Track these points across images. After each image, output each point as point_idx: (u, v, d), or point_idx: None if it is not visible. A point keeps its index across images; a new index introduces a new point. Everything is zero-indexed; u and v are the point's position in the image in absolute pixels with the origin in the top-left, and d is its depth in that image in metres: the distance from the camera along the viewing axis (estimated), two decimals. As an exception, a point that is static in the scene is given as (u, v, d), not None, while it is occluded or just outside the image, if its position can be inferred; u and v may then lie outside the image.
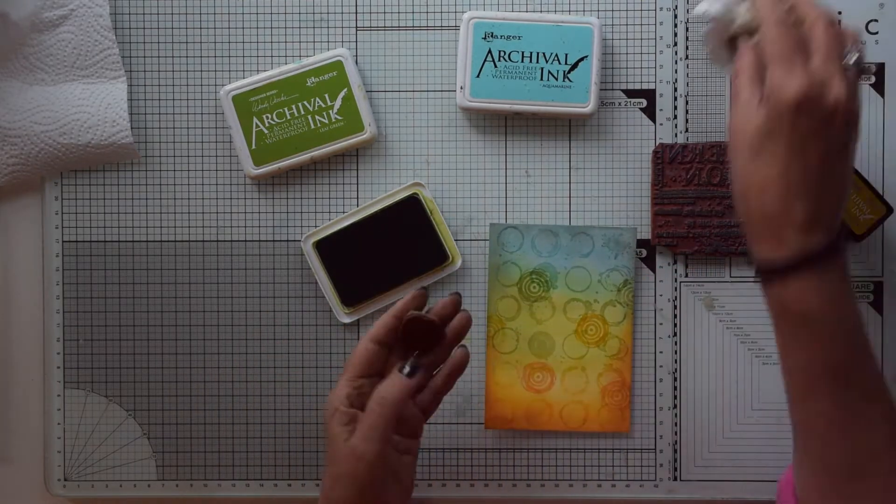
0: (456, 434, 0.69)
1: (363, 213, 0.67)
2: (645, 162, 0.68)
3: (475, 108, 0.67)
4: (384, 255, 0.67)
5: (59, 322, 0.69)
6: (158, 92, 0.69)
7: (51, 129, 0.67)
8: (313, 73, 0.67)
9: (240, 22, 0.69)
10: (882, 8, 0.68)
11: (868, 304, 0.68)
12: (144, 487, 0.69)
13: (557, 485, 0.69)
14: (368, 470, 0.56)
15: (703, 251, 0.67)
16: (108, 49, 0.67)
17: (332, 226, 0.68)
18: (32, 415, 0.70)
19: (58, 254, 0.69)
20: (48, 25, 0.67)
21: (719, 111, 0.68)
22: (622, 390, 0.68)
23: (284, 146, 0.67)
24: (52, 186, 0.69)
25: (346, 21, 0.69)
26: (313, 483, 0.69)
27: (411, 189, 0.67)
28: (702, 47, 0.68)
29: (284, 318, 0.69)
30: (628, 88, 0.68)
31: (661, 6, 0.68)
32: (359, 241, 0.67)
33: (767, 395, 0.68)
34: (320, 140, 0.67)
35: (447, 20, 0.68)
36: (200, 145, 0.69)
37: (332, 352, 0.69)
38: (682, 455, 0.69)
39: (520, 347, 0.68)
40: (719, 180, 0.67)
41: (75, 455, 0.69)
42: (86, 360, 0.69)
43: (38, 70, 0.67)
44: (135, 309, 0.69)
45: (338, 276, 0.67)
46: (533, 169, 0.69)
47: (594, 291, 0.68)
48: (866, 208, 0.65)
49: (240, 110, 0.67)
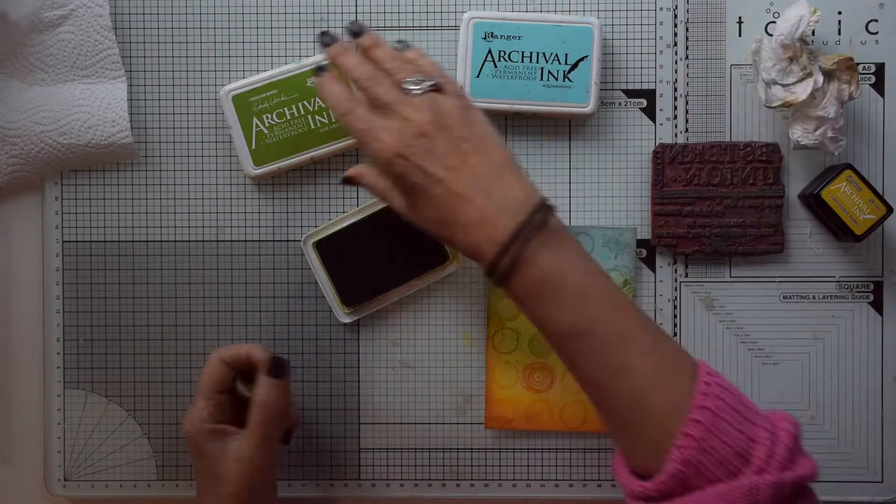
0: (456, 434, 0.69)
1: (363, 213, 0.67)
2: (645, 162, 0.68)
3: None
4: (384, 255, 0.67)
5: (59, 322, 0.69)
6: (158, 92, 0.69)
7: (51, 129, 0.67)
8: (313, 73, 0.66)
9: (240, 22, 0.69)
10: (882, 8, 0.68)
11: (868, 304, 0.68)
12: (144, 487, 0.69)
13: (557, 485, 0.69)
14: (262, 474, 0.59)
15: (703, 251, 0.67)
16: (108, 49, 0.67)
17: (332, 226, 0.67)
18: (32, 415, 0.70)
19: (58, 254, 0.69)
20: (48, 25, 0.67)
21: (719, 111, 0.68)
22: (622, 390, 0.68)
23: (284, 146, 0.67)
24: (52, 186, 0.69)
25: (347, 21, 0.68)
26: (313, 483, 0.69)
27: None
28: (702, 47, 0.68)
29: (284, 318, 0.69)
30: (628, 88, 0.68)
31: (661, 6, 0.68)
32: (359, 241, 0.67)
33: (767, 395, 0.68)
34: (320, 140, 0.67)
35: (447, 20, 0.68)
36: (200, 145, 0.69)
37: (331, 352, 0.69)
38: (682, 455, 0.69)
39: (520, 347, 0.68)
40: (719, 180, 0.67)
41: (75, 455, 0.69)
42: (86, 360, 0.69)
43: (38, 70, 0.67)
44: (135, 309, 0.69)
45: (338, 277, 0.67)
46: (533, 169, 0.69)
47: (594, 291, 0.68)
48: (866, 208, 0.65)
49: (240, 110, 0.67)
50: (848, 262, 0.68)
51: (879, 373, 0.68)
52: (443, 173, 0.54)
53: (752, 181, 0.67)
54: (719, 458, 0.49)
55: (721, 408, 0.50)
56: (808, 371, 0.68)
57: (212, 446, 0.59)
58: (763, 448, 0.49)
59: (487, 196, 0.54)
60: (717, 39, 0.68)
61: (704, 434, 0.49)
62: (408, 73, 0.57)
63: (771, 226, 0.67)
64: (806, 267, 0.68)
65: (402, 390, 0.69)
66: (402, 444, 0.69)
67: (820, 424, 0.68)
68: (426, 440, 0.69)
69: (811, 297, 0.68)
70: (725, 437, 0.49)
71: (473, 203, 0.54)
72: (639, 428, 0.52)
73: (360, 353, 0.69)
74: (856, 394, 0.68)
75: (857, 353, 0.68)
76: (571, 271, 0.53)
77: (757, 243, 0.67)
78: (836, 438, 0.68)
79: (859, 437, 0.68)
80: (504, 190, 0.54)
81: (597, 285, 0.54)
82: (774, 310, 0.68)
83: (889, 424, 0.68)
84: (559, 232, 0.55)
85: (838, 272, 0.68)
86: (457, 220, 0.54)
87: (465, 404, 0.69)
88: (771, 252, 0.67)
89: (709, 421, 0.49)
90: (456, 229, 0.55)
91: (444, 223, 0.55)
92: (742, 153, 0.67)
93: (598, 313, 0.53)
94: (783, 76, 0.64)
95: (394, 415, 0.69)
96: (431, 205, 0.55)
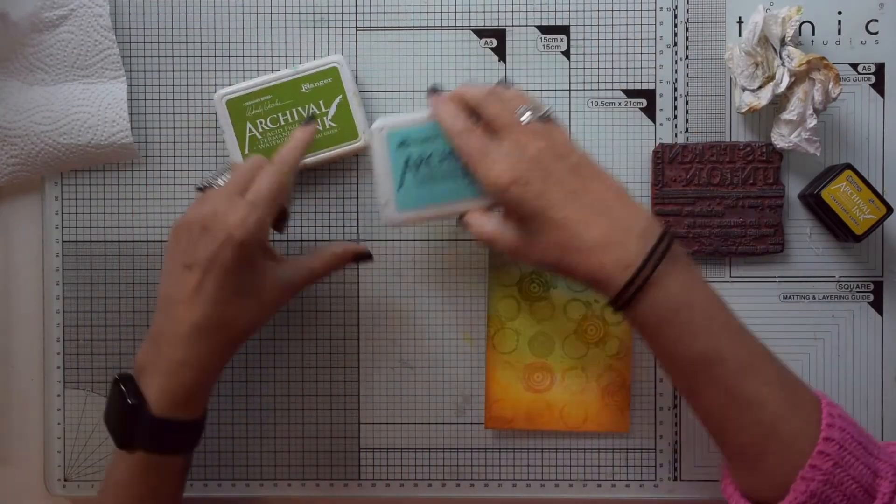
0: (456, 434, 0.69)
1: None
2: (645, 162, 0.68)
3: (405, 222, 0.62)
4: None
5: (59, 322, 0.69)
6: (158, 92, 0.69)
7: (51, 129, 0.67)
8: (308, 79, 0.66)
9: (240, 22, 0.69)
10: (882, 8, 0.68)
11: (868, 304, 0.68)
12: (144, 487, 0.69)
13: (557, 485, 0.69)
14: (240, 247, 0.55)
15: (703, 251, 0.67)
16: (108, 49, 0.67)
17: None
18: (32, 415, 0.70)
19: (58, 254, 0.69)
20: (48, 25, 0.67)
21: (719, 111, 0.68)
22: (622, 390, 0.68)
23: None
24: (52, 186, 0.69)
25: (346, 21, 0.69)
26: (314, 483, 0.69)
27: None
28: (702, 47, 0.68)
29: (284, 318, 0.69)
30: (628, 88, 0.68)
31: (661, 6, 0.68)
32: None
33: (767, 395, 0.68)
34: (314, 147, 0.66)
35: (447, 20, 0.68)
36: (201, 145, 0.69)
37: (331, 351, 0.69)
38: (682, 455, 0.69)
39: (520, 347, 0.68)
40: (719, 180, 0.67)
41: (75, 455, 0.69)
42: (86, 360, 0.69)
43: (38, 70, 0.67)
44: (135, 309, 0.69)
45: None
46: (533, 169, 0.68)
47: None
48: (866, 208, 0.65)
49: (233, 115, 0.66)
50: (848, 262, 0.68)
51: (879, 373, 0.68)
52: (564, 196, 0.53)
53: (752, 181, 0.67)
54: (846, 493, 0.49)
55: (847, 441, 0.50)
56: (808, 371, 0.68)
57: (263, 263, 0.57)
58: (888, 484, 0.49)
59: (613, 219, 0.53)
60: (717, 39, 0.68)
61: (832, 467, 0.49)
62: (519, 103, 0.57)
63: (771, 226, 0.67)
64: (806, 267, 0.68)
65: (402, 390, 0.69)
66: (402, 444, 0.69)
67: (820, 424, 0.69)
68: (426, 440, 0.69)
69: (811, 297, 0.68)
70: (852, 471, 0.50)
71: (598, 225, 0.52)
72: (763, 457, 0.51)
73: (360, 353, 0.69)
74: (856, 394, 0.68)
75: (857, 353, 0.68)
76: (699, 298, 0.53)
77: (757, 243, 0.67)
78: (836, 438, 0.68)
79: (859, 437, 0.68)
80: (628, 214, 0.53)
81: (722, 314, 0.53)
82: (774, 310, 0.68)
83: (889, 424, 0.68)
84: (684, 258, 0.54)
85: (838, 272, 0.68)
86: (579, 244, 0.53)
87: (465, 404, 0.69)
88: (771, 252, 0.67)
89: (836, 454, 0.50)
90: (579, 254, 0.53)
91: (565, 248, 0.53)
92: (742, 153, 0.67)
93: (725, 342, 0.52)
94: (750, 81, 0.65)
95: (394, 415, 0.69)
96: (551, 231, 0.53)
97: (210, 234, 0.54)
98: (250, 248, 0.55)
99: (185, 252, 0.55)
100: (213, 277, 0.54)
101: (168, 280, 0.56)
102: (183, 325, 0.54)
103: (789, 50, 0.64)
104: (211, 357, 0.55)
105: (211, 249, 0.54)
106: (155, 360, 0.55)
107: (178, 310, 0.55)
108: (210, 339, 0.55)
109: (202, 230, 0.55)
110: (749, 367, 0.52)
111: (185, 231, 0.56)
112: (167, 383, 0.54)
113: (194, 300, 0.54)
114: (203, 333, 0.54)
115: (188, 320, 0.54)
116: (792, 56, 0.64)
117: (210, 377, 0.57)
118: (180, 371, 0.54)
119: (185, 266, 0.55)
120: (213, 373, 0.57)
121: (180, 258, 0.56)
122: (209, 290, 0.54)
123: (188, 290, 0.54)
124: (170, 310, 0.55)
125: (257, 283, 0.57)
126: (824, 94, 0.63)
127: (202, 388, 0.56)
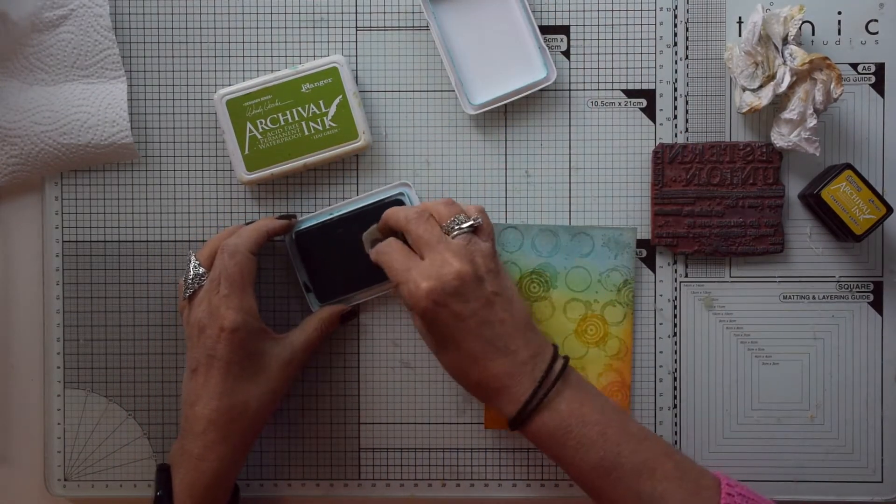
0: (456, 434, 0.69)
1: (347, 207, 0.67)
2: (645, 162, 0.68)
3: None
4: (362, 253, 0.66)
5: (59, 322, 0.69)
6: (158, 92, 0.69)
7: (51, 129, 0.67)
8: (308, 79, 0.66)
9: (240, 22, 0.69)
10: (882, 8, 0.68)
11: (868, 304, 0.68)
12: (144, 487, 0.69)
13: (557, 485, 0.69)
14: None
15: (703, 251, 0.67)
16: (108, 49, 0.67)
17: (313, 217, 0.67)
18: (32, 415, 0.70)
19: (58, 254, 0.69)
20: (48, 25, 0.67)
21: (719, 111, 0.68)
22: (622, 390, 0.68)
23: (278, 152, 0.67)
24: (52, 186, 0.69)
25: (346, 21, 0.69)
26: (314, 483, 0.69)
27: (398, 188, 0.67)
28: (702, 47, 0.68)
29: (284, 319, 0.69)
30: (628, 88, 0.68)
31: (661, 6, 0.68)
32: (339, 235, 0.67)
33: (767, 395, 0.68)
34: (314, 147, 0.67)
35: (447, 20, 0.68)
36: (200, 146, 0.69)
37: (331, 351, 0.69)
38: (682, 455, 0.69)
39: (520, 347, 0.68)
40: (719, 180, 0.67)
41: (75, 455, 0.69)
42: (86, 360, 0.69)
43: (38, 70, 0.67)
44: (135, 309, 0.69)
45: (315, 270, 0.67)
46: (533, 169, 0.69)
47: (594, 291, 0.68)
48: (866, 208, 0.65)
49: (233, 115, 0.66)
50: (848, 262, 0.68)
51: (879, 373, 0.68)
52: (474, 326, 0.58)
53: (752, 181, 0.67)
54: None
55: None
56: (808, 371, 0.69)
57: (259, 345, 0.61)
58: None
59: (511, 356, 0.58)
60: (717, 39, 0.68)
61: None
62: (448, 216, 0.60)
63: (771, 226, 0.67)
64: (806, 267, 0.68)
65: (402, 390, 0.69)
66: (402, 444, 0.69)
67: (820, 424, 0.68)
68: (426, 440, 0.69)
69: (811, 297, 0.68)
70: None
71: (499, 364, 0.58)
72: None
73: (360, 353, 0.69)
74: (856, 394, 0.68)
75: (857, 353, 0.68)
76: (589, 412, 0.58)
77: (757, 243, 0.67)
78: (836, 438, 0.68)
79: (859, 437, 0.68)
80: (525, 347, 0.59)
81: (616, 420, 0.58)
82: (774, 310, 0.68)
83: (889, 424, 0.68)
84: (573, 376, 0.60)
85: (838, 272, 0.68)
86: (478, 377, 0.59)
87: (465, 404, 0.69)
88: (771, 252, 0.67)
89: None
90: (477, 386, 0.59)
91: (466, 374, 0.59)
92: (742, 153, 0.67)
93: (623, 447, 0.57)
94: (750, 81, 0.65)
95: (394, 415, 0.69)
96: (457, 354, 0.59)
97: (205, 333, 0.60)
98: (243, 334, 0.60)
99: (190, 357, 0.61)
100: (216, 371, 0.60)
101: (184, 385, 0.62)
102: (199, 423, 0.59)
103: (791, 49, 0.64)
104: (227, 450, 0.60)
105: (208, 346, 0.60)
106: (180, 456, 0.60)
107: (194, 410, 0.60)
108: (225, 431, 0.60)
109: (199, 331, 0.60)
110: (645, 468, 0.56)
111: (188, 339, 0.62)
112: (188, 477, 0.59)
113: (203, 397, 0.60)
114: (217, 427, 0.59)
115: (203, 417, 0.59)
116: (794, 55, 0.64)
117: (229, 469, 0.61)
118: (199, 465, 0.59)
119: (192, 371, 0.61)
120: (232, 464, 0.61)
121: (189, 364, 0.61)
122: (215, 384, 0.60)
123: (198, 390, 0.60)
124: (187, 410, 0.61)
125: (260, 365, 0.61)
126: (825, 94, 0.63)
127: (221, 480, 0.60)
